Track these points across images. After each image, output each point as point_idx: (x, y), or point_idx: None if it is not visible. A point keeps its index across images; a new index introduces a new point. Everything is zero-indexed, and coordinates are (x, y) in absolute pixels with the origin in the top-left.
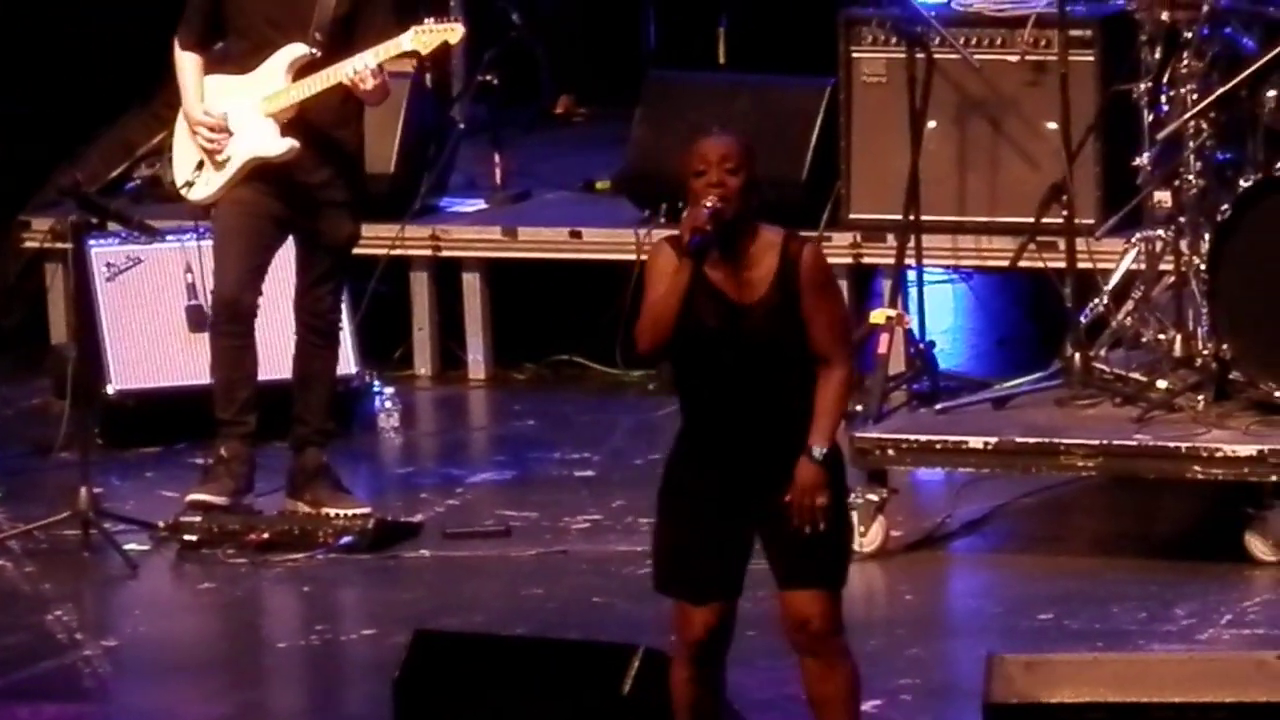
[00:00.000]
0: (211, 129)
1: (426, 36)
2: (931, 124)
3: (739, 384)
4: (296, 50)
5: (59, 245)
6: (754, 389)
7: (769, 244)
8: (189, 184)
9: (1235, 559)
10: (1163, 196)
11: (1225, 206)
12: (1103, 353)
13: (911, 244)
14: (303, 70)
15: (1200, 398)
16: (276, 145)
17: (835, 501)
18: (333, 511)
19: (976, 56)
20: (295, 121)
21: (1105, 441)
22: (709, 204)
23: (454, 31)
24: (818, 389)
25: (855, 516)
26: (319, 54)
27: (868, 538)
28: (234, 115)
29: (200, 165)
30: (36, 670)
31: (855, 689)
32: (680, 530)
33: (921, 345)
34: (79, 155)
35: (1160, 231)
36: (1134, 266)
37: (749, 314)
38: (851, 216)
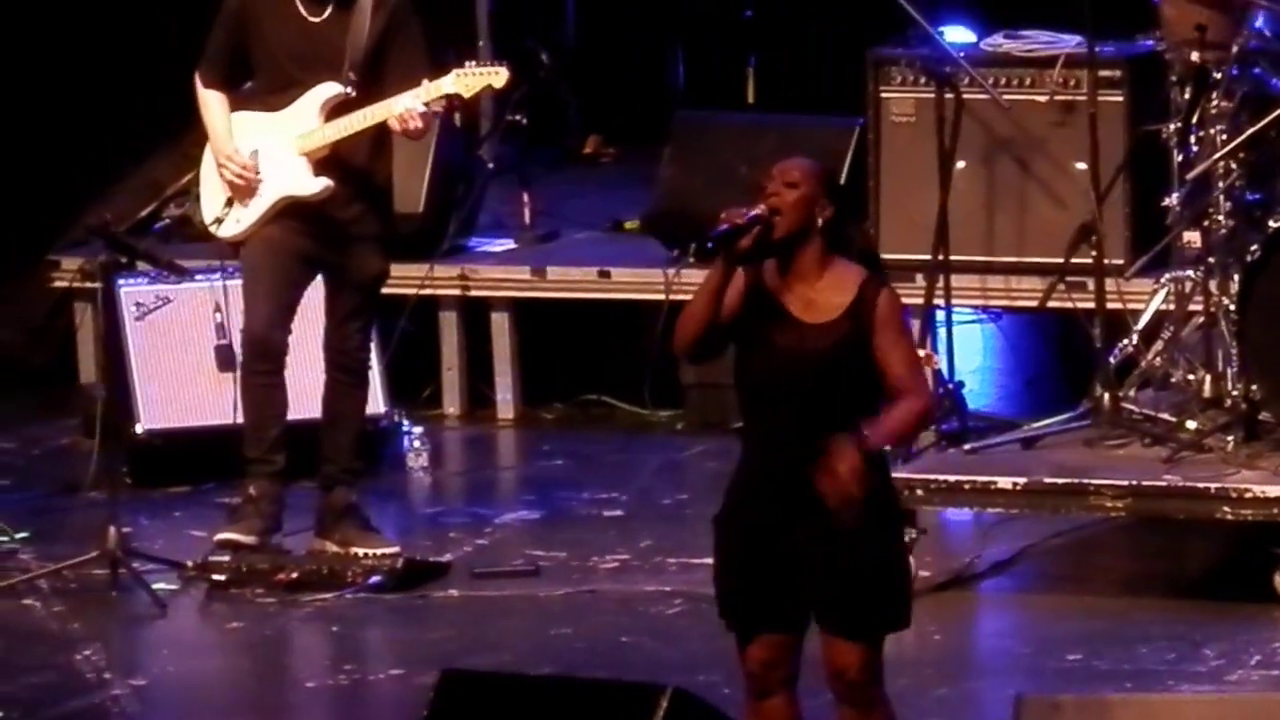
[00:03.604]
0: (242, 167)
1: (470, 79)
2: (960, 164)
3: (799, 406)
4: (330, 89)
5: (88, 285)
6: (813, 413)
7: (846, 278)
8: (218, 220)
9: (1264, 600)
10: (1192, 237)
11: (1255, 247)
12: (1132, 393)
13: (940, 284)
14: (335, 110)
15: (1229, 438)
16: (310, 185)
17: (887, 541)
18: (361, 551)
19: (1005, 96)
20: (326, 159)
21: (1134, 482)
22: (755, 210)
23: (498, 75)
24: (892, 406)
25: None
26: (353, 93)
27: None
28: (265, 153)
29: (229, 202)
30: (65, 709)
31: None
32: (731, 560)
33: (950, 385)
34: (108, 195)
35: (1189, 272)
36: (1163, 307)
37: (815, 333)
38: (881, 256)
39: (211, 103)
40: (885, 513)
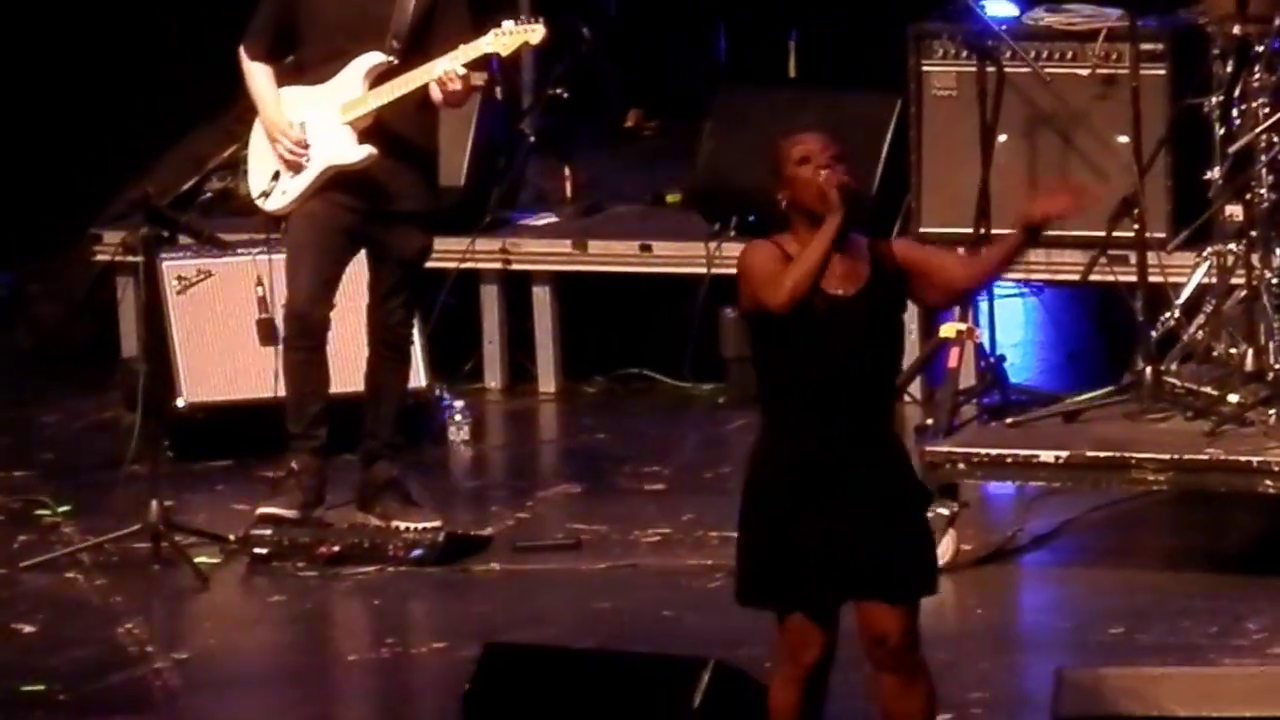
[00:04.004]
0: (296, 142)
1: (507, 38)
2: (1002, 137)
3: (838, 377)
4: (374, 58)
5: (130, 259)
6: (850, 391)
7: (859, 244)
8: (265, 194)
9: None
10: (1234, 210)
11: None
12: (1173, 366)
13: None
14: (380, 78)
15: (1271, 412)
16: (355, 153)
17: (916, 513)
18: (403, 525)
19: (1047, 70)
20: (372, 130)
21: (1176, 456)
22: (840, 177)
23: (535, 32)
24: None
25: None
26: (396, 61)
27: (938, 551)
28: (311, 125)
29: (276, 175)
30: (107, 683)
31: (932, 706)
32: (782, 544)
33: (992, 359)
34: (150, 169)
35: (1231, 245)
36: (1205, 280)
37: (852, 305)
38: (921, 230)
39: (259, 75)
40: (909, 486)
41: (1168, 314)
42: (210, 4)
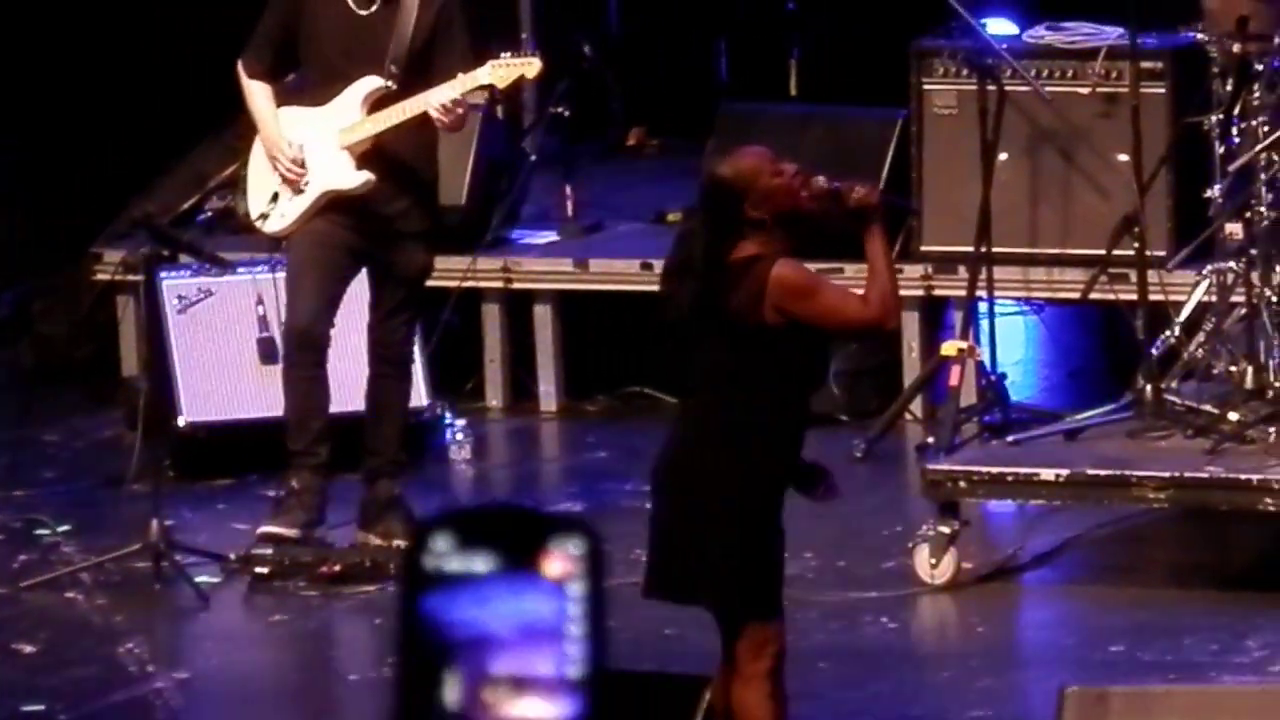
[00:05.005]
0: (294, 160)
1: (504, 71)
2: (1003, 156)
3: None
4: (372, 83)
5: (130, 277)
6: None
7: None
8: (264, 216)
9: None
10: (1234, 228)
11: None
12: (1174, 385)
13: (983, 276)
14: (378, 104)
15: (1272, 430)
16: (352, 178)
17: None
18: (405, 544)
19: (1048, 88)
20: (371, 153)
21: (1177, 474)
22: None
23: (531, 65)
24: None
25: (927, 549)
26: (394, 87)
27: (939, 569)
28: (309, 148)
29: (275, 197)
30: (108, 702)
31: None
32: (779, 542)
33: (993, 377)
34: (151, 187)
35: (1232, 263)
36: (1206, 298)
37: None
38: (923, 248)
39: (258, 93)
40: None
41: (1168, 332)
42: (213, 20)
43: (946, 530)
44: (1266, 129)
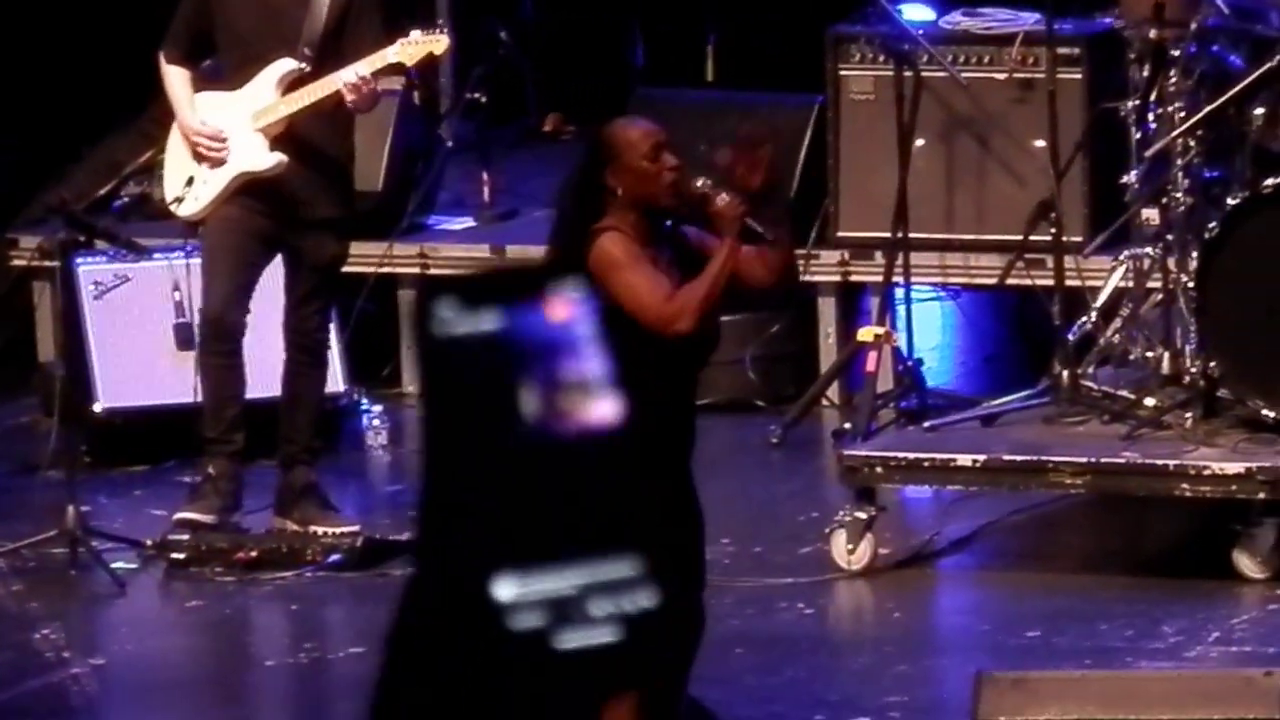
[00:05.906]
0: (210, 137)
1: (412, 49)
2: (919, 142)
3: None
4: (286, 65)
5: (46, 263)
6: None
7: (663, 233)
8: (178, 200)
9: (1223, 576)
10: (1150, 214)
11: (1213, 224)
12: (1091, 370)
13: (899, 262)
14: (292, 85)
15: (1188, 415)
16: (265, 160)
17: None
18: (321, 529)
19: (964, 74)
20: (284, 136)
21: (1093, 459)
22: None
23: (439, 43)
24: None
25: (844, 535)
26: (308, 69)
27: (856, 555)
28: (224, 131)
29: (190, 181)
30: (24, 689)
31: None
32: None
33: (910, 363)
34: (66, 173)
35: (1148, 249)
36: (1122, 284)
37: None
38: (839, 234)
39: (176, 79)
40: None
41: (1084, 318)
42: (128, 6)
43: (863, 516)
44: (1182, 115)
